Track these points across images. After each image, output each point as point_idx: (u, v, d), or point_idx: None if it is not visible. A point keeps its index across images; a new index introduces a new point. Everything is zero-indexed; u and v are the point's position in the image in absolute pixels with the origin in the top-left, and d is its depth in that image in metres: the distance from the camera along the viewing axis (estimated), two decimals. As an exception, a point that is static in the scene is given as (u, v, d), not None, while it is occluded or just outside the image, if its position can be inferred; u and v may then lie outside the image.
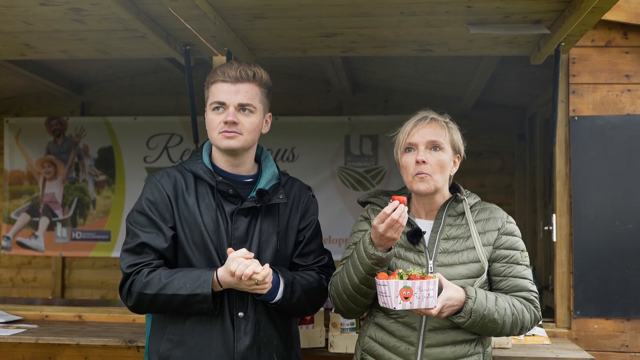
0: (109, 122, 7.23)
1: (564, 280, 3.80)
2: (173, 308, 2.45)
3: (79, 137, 7.35)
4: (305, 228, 2.67)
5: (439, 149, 2.51)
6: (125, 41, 3.72)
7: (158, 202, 2.53)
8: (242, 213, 2.53)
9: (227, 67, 2.52)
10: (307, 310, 2.68)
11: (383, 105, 7.05)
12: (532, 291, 2.52)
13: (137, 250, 2.51)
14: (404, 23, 3.29)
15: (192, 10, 2.95)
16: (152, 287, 2.43)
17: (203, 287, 2.38)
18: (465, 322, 2.38)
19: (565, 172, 3.83)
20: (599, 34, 3.85)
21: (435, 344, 2.47)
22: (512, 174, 7.01)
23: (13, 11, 3.22)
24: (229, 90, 2.49)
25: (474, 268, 2.47)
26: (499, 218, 2.55)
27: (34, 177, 7.39)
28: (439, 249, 2.50)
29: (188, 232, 2.51)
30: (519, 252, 2.54)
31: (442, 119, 2.59)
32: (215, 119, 2.51)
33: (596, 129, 3.81)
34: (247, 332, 2.49)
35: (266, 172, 2.64)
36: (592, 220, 3.77)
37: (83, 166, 7.32)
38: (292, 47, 3.79)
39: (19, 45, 3.84)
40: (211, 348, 2.47)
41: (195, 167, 2.58)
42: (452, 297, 2.34)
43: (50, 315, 4.10)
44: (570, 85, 3.85)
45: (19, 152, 7.40)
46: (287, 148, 7.14)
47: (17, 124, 7.43)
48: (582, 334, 3.75)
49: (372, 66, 6.19)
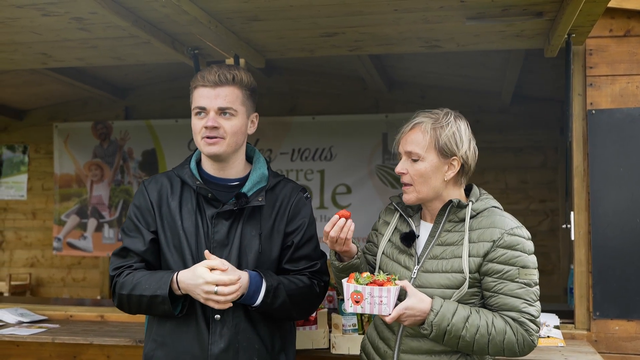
0: (151, 125, 7.40)
1: (582, 280, 3.67)
2: (145, 309, 2.50)
3: (123, 141, 7.55)
4: (294, 232, 2.62)
5: (418, 160, 2.40)
6: (135, 47, 3.79)
7: (142, 207, 2.60)
8: (223, 216, 2.54)
9: (206, 71, 2.53)
10: (292, 315, 2.65)
11: (420, 102, 6.95)
12: (524, 312, 2.29)
13: (121, 254, 2.59)
14: (401, 20, 3.24)
15: (182, 15, 2.99)
16: (126, 287, 2.50)
17: (162, 289, 2.41)
18: (429, 334, 2.28)
19: (583, 167, 3.70)
20: (617, 23, 3.69)
21: (410, 350, 2.41)
22: (556, 169, 6.82)
23: (19, 22, 3.33)
24: (208, 95, 2.50)
25: (455, 279, 2.34)
26: (500, 229, 2.34)
27: (82, 180, 7.63)
28: (430, 255, 2.41)
29: (169, 235, 2.55)
30: (517, 268, 2.30)
31: (428, 122, 2.42)
32: (197, 124, 2.53)
33: (615, 122, 3.65)
34: (223, 335, 2.49)
35: (253, 175, 2.63)
36: (611, 217, 3.62)
37: (128, 168, 7.52)
38: (298, 47, 3.78)
39: (36, 54, 3.97)
40: (188, 350, 2.50)
41: (181, 172, 2.62)
42: (412, 306, 2.25)
43: (74, 315, 4.22)
44: (587, 78, 3.70)
45: (68, 156, 7.66)
46: (325, 147, 7.14)
47: (66, 129, 7.69)
48: (602, 335, 3.60)
49: (404, 63, 6.13)
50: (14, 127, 8.04)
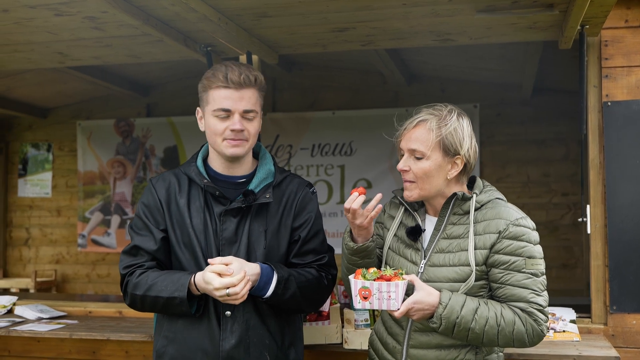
0: (172, 122, 7.47)
1: (599, 274, 3.62)
2: (160, 309, 2.53)
3: (145, 138, 7.63)
4: (301, 227, 2.64)
5: (422, 158, 2.38)
6: (149, 45, 3.82)
7: (151, 206, 2.61)
8: (231, 214, 2.55)
9: (229, 71, 2.48)
10: (302, 307, 2.67)
11: (440, 95, 6.92)
12: (532, 302, 2.29)
13: (132, 252, 2.60)
14: (410, 14, 3.23)
15: (190, 13, 3.00)
16: (140, 288, 2.52)
17: (180, 291, 2.43)
18: (438, 328, 2.28)
19: (599, 160, 3.65)
20: (632, 13, 3.63)
21: (419, 345, 2.41)
22: (578, 161, 6.72)
23: (34, 22, 3.37)
24: (233, 97, 2.48)
25: (463, 272, 2.34)
26: (505, 220, 2.32)
27: (105, 177, 7.73)
28: (436, 248, 2.41)
29: (178, 233, 2.57)
30: (523, 258, 2.30)
31: (433, 120, 2.38)
32: (219, 126, 2.50)
33: (631, 114, 3.60)
34: (234, 332, 2.51)
35: (260, 172, 2.64)
36: (628, 210, 3.56)
37: (150, 165, 7.60)
38: (310, 43, 3.78)
39: (53, 54, 4.02)
40: (199, 346, 2.53)
41: (188, 170, 2.63)
42: (421, 300, 2.25)
43: (93, 311, 4.27)
44: (603, 70, 3.65)
45: (91, 154, 7.76)
46: (345, 142, 7.15)
47: (89, 126, 7.79)
48: (619, 330, 3.56)
49: (422, 56, 6.11)
50: (38, 125, 8.18)
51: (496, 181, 6.92)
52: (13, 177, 8.33)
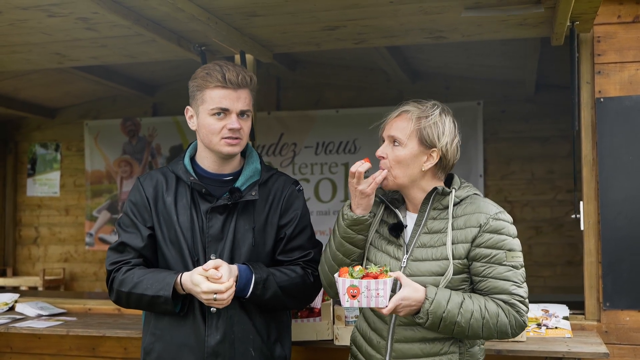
0: (178, 122, 7.52)
1: (592, 271, 3.62)
2: (144, 306, 2.57)
3: (151, 137, 7.69)
4: (287, 224, 2.68)
5: (397, 144, 2.43)
6: (144, 45, 3.86)
7: (139, 203, 2.66)
8: (217, 211, 2.59)
9: (226, 72, 2.52)
10: (287, 305, 2.70)
11: (444, 92, 6.90)
12: (514, 294, 2.34)
13: (119, 249, 2.65)
14: (399, 12, 3.24)
15: (178, 13, 3.04)
16: (126, 285, 2.56)
17: (165, 290, 2.47)
18: (424, 323, 2.30)
19: (592, 157, 3.64)
20: (625, 9, 3.62)
21: (404, 339, 2.43)
22: (582, 158, 6.69)
23: (28, 24, 3.42)
24: (231, 97, 2.52)
25: (445, 265, 2.37)
26: (485, 214, 2.38)
27: (112, 177, 7.80)
28: (418, 243, 2.44)
29: (165, 230, 2.61)
30: (504, 251, 2.35)
31: (415, 111, 2.45)
32: (217, 125, 2.54)
33: (624, 110, 3.59)
34: (219, 328, 2.55)
35: (247, 170, 2.68)
36: (621, 206, 3.56)
37: (156, 164, 7.65)
38: (303, 41, 3.80)
39: (51, 54, 4.07)
40: (185, 343, 2.57)
41: (176, 168, 2.67)
42: (408, 297, 2.27)
43: (92, 309, 4.32)
44: (595, 66, 3.65)
45: (98, 153, 7.84)
46: (349, 140, 7.16)
47: (96, 126, 7.86)
48: (613, 326, 3.55)
49: (425, 54, 6.11)
50: (46, 125, 8.27)
51: (500, 178, 6.91)
52: (22, 176, 8.43)
